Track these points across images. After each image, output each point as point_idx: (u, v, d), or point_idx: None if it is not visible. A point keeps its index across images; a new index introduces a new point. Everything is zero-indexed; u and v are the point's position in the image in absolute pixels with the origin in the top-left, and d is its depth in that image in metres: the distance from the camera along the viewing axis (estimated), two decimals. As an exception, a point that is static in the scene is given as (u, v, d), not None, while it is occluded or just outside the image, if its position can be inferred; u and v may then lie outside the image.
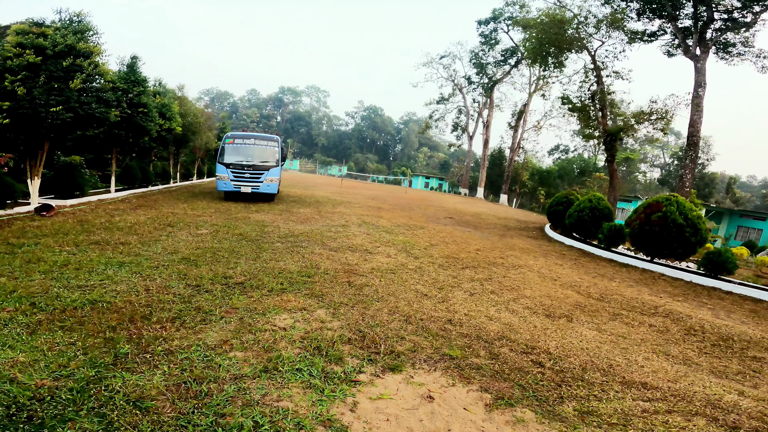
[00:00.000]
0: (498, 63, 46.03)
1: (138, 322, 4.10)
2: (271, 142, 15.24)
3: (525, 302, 6.18)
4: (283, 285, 5.62)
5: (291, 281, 5.83)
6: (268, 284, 5.59)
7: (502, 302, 6.03)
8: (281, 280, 5.84)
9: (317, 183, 34.32)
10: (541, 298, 6.49)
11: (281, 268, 6.46)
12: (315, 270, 6.52)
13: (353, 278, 6.30)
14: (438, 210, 20.04)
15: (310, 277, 6.12)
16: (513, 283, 7.15)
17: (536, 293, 6.73)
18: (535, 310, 5.88)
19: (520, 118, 44.99)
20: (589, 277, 8.42)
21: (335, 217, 12.58)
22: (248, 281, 5.65)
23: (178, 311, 4.43)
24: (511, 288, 6.83)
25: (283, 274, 6.15)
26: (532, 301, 6.31)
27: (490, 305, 5.82)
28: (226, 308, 4.64)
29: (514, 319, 5.39)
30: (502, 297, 6.28)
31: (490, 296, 6.24)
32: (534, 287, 7.06)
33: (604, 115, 22.30)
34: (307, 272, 6.34)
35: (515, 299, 6.26)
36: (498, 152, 52.97)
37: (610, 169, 22.21)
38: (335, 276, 6.32)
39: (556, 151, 75.07)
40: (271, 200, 15.43)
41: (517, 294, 6.54)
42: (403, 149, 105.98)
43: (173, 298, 4.80)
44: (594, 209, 12.12)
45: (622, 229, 11.16)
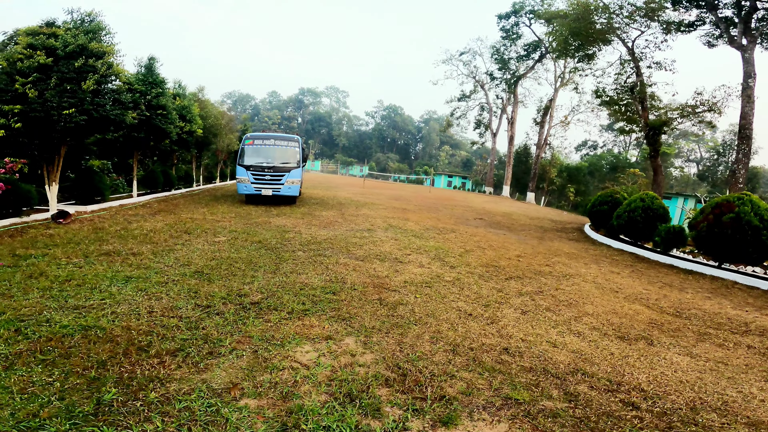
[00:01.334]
0: (521, 58, 44.45)
1: (133, 356, 3.42)
2: (291, 142, 14.64)
3: (589, 321, 5.23)
4: (305, 305, 4.87)
5: (314, 300, 5.07)
6: (287, 304, 4.85)
7: (562, 322, 5.10)
8: (303, 298, 5.09)
9: (339, 184, 33.76)
10: (607, 316, 5.52)
11: (303, 282, 5.72)
12: (341, 285, 5.75)
13: (384, 294, 5.50)
14: (466, 210, 19.03)
15: (335, 294, 5.35)
16: (569, 296, 6.18)
17: (599, 309, 5.76)
18: (604, 332, 4.93)
19: (546, 114, 43.26)
20: (655, 288, 7.34)
21: (359, 220, 11.82)
22: (265, 300, 4.93)
23: (181, 341, 3.73)
24: (569, 303, 5.87)
25: (305, 290, 5.40)
26: (597, 319, 5.35)
27: (549, 326, 4.90)
28: (238, 337, 3.92)
29: (584, 345, 4.46)
30: (561, 315, 5.34)
31: (546, 315, 5.31)
32: (595, 302, 6.08)
33: (645, 107, 20.74)
34: (332, 288, 5.57)
35: (577, 318, 5.32)
36: (523, 149, 51.21)
37: (653, 164, 20.66)
38: (364, 292, 5.53)
39: (583, 147, 72.45)
40: (292, 203, 14.83)
41: (578, 311, 5.58)
42: (425, 148, 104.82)
43: (178, 323, 4.11)
44: (647, 209, 10.90)
45: (682, 231, 9.95)
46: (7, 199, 8.85)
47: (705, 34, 20.83)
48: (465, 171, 72.37)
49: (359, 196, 20.37)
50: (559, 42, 24.65)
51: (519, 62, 44.93)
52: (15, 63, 8.96)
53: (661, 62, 21.51)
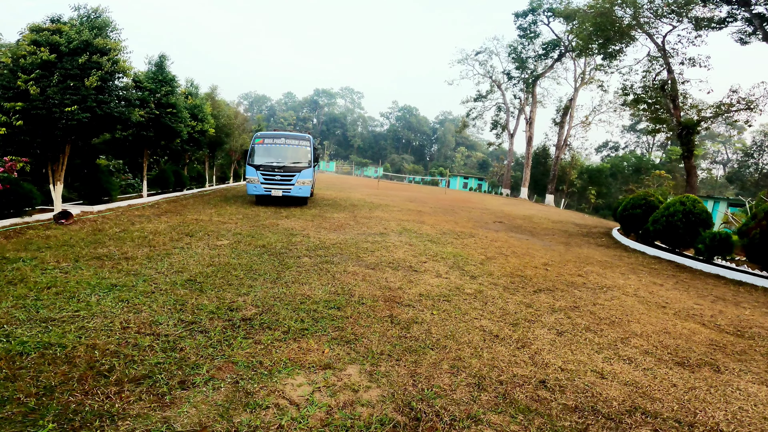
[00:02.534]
0: (539, 57, 43.27)
1: (88, 382, 2.85)
2: (302, 141, 14.11)
3: (639, 344, 4.46)
4: (303, 323, 4.24)
5: (315, 316, 4.44)
6: (284, 321, 4.23)
7: (607, 345, 4.34)
8: (302, 314, 4.46)
9: (353, 185, 33.24)
10: (658, 336, 4.73)
11: (305, 294, 5.09)
12: (347, 298, 5.10)
13: (396, 310, 4.82)
14: (483, 213, 18.20)
15: (340, 309, 4.70)
16: (610, 313, 5.39)
17: (648, 328, 4.96)
18: (659, 356, 4.17)
19: (566, 114, 41.97)
20: (706, 302, 6.46)
21: (372, 223, 11.17)
22: (259, 316, 4.32)
23: (151, 366, 3.14)
24: (611, 321, 5.09)
25: (306, 304, 4.77)
26: (647, 341, 4.56)
27: (592, 351, 4.15)
28: (220, 362, 3.31)
29: (638, 374, 3.71)
30: (605, 336, 4.58)
31: (586, 336, 4.55)
32: (641, 319, 5.27)
33: (677, 106, 19.53)
34: (337, 302, 4.93)
35: (624, 339, 4.54)
36: (542, 150, 49.83)
37: (687, 166, 19.42)
38: (373, 307, 4.86)
39: (604, 148, 70.36)
40: (303, 204, 14.30)
41: (623, 331, 4.80)
42: (440, 149, 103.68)
43: (153, 342, 3.53)
44: (689, 213, 9.91)
45: (728, 239, 8.96)
46: (8, 198, 8.53)
47: (737, 31, 19.64)
48: (481, 172, 71.14)
49: (373, 198, 19.75)
50: (582, 38, 23.55)
51: (537, 61, 43.78)
52: (18, 60, 8.68)
53: (695, 58, 20.24)
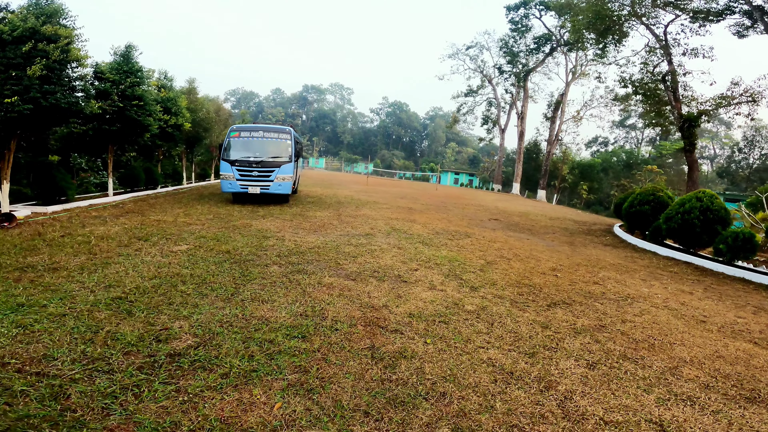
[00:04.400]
0: (531, 51, 42.70)
1: None
2: (282, 134, 12.98)
3: (693, 374, 3.50)
4: (253, 360, 3.19)
5: (270, 350, 3.38)
6: (226, 357, 3.18)
7: (655, 379, 3.37)
8: (254, 347, 3.40)
9: (342, 181, 32.05)
10: (712, 362, 3.78)
11: (263, 317, 4.02)
12: (317, 321, 4.04)
13: (379, 338, 3.78)
14: (478, 209, 17.23)
15: (305, 338, 3.64)
16: (645, 333, 4.40)
17: (696, 352, 4.00)
18: (723, 391, 3.25)
19: (558, 109, 41.40)
20: (748, 314, 5.53)
21: (358, 222, 10.09)
22: (194, 350, 3.26)
23: (11, 421, 2.05)
24: (650, 344, 4.10)
25: (262, 332, 3.70)
26: (701, 369, 3.62)
27: (638, 389, 3.18)
28: (116, 420, 2.27)
29: (707, 420, 2.74)
30: (649, 367, 3.59)
31: (625, 367, 3.56)
32: (684, 340, 4.30)
33: (677, 98, 18.75)
34: (304, 327, 3.87)
35: (673, 369, 3.58)
36: (533, 145, 49.34)
37: (689, 159, 18.67)
38: (349, 335, 3.82)
39: (594, 143, 70.19)
40: (284, 202, 13.17)
41: (668, 357, 3.83)
42: (430, 145, 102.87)
43: (33, 384, 2.44)
44: (706, 210, 8.99)
45: (752, 238, 8.08)
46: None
47: (735, 24, 18.91)
48: (472, 168, 70.54)
49: (361, 195, 18.66)
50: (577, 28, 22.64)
51: (529, 56, 43.21)
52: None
53: (698, 49, 19.45)
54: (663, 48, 19.41)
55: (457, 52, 47.93)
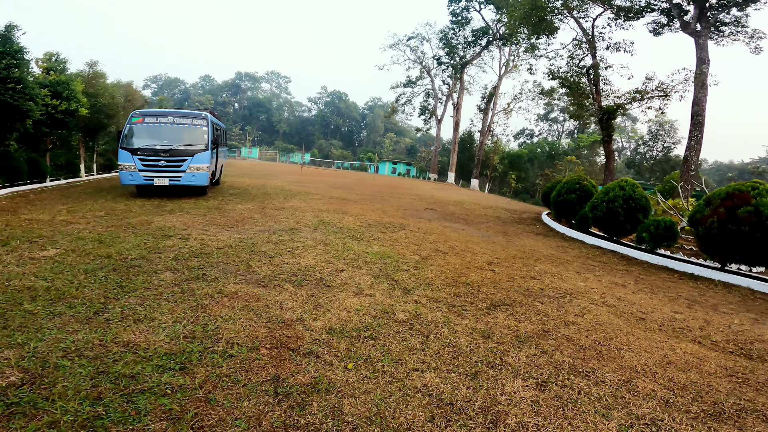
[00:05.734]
0: (468, 44, 43.61)
1: None
2: (197, 120, 11.49)
3: (649, 388, 3.14)
4: (100, 402, 2.27)
5: (130, 388, 2.48)
6: (60, 399, 2.24)
7: (611, 398, 2.96)
8: (105, 385, 2.44)
9: (275, 171, 30.23)
10: (664, 371, 3.47)
11: (130, 342, 3.06)
12: (207, 345, 3.15)
13: (288, 366, 3.00)
14: (414, 199, 16.85)
15: (185, 369, 2.79)
16: (590, 337, 4.03)
17: (646, 358, 3.68)
18: (685, 408, 2.94)
19: (490, 101, 42.81)
20: (682, 308, 5.48)
21: (284, 215, 9.07)
22: (16, 390, 2.31)
23: None
24: (598, 352, 3.72)
25: (125, 361, 2.76)
26: (655, 381, 3.28)
27: (597, 415, 2.73)
28: None
29: None
30: (602, 383, 3.17)
31: (578, 385, 3.10)
32: (630, 343, 3.99)
33: (598, 91, 19.75)
34: (185, 354, 2.98)
35: (627, 383, 3.19)
36: (468, 136, 50.85)
37: (606, 150, 19.78)
38: (247, 362, 2.99)
39: (521, 135, 74.15)
40: (201, 194, 11.70)
41: (619, 367, 3.45)
42: (369, 135, 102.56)
43: None
44: (629, 199, 9.21)
45: (673, 226, 8.35)
46: None
47: (652, 21, 20.23)
48: (409, 158, 71.25)
49: (294, 185, 17.43)
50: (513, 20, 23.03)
51: (466, 48, 44.09)
52: None
53: (620, 43, 20.60)
54: (589, 42, 20.34)
55: (398, 43, 47.78)
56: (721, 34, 18.42)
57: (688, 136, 17.26)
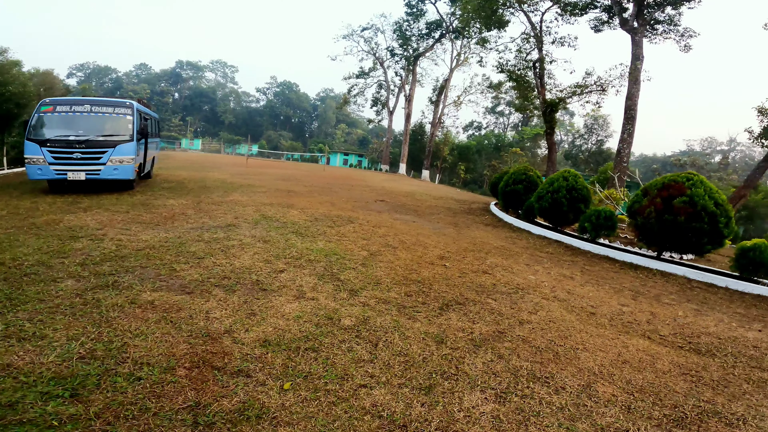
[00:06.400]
0: (422, 36, 43.78)
1: None
2: (120, 108, 10.33)
3: (609, 393, 3.02)
4: None
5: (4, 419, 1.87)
6: None
7: (573, 407, 2.80)
8: None
9: (219, 163, 28.48)
10: (620, 372, 3.38)
11: (9, 366, 2.53)
12: (109, 366, 2.63)
13: (210, 388, 2.55)
14: (365, 190, 16.47)
15: (78, 396, 2.29)
16: (545, 337, 3.87)
17: (601, 358, 3.59)
18: (647, 413, 2.82)
19: (441, 93, 43.37)
20: (628, 300, 5.56)
21: (221, 211, 8.31)
22: None
23: None
24: (554, 353, 3.56)
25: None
26: (613, 383, 3.18)
27: (560, 428, 2.54)
28: None
29: None
30: (562, 389, 2.99)
31: (538, 394, 2.90)
32: (585, 342, 3.89)
33: (543, 85, 20.36)
34: (80, 378, 2.48)
35: (587, 388, 3.04)
36: (419, 127, 51.30)
37: (549, 142, 20.50)
38: (159, 385, 2.55)
39: (470, 127, 76.15)
40: (127, 188, 10.53)
41: (577, 370, 3.31)
42: (320, 126, 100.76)
43: None
44: (572, 189, 9.44)
45: (612, 217, 8.64)
46: None
47: (594, 18, 21.09)
48: (361, 149, 70.80)
49: (237, 178, 16.37)
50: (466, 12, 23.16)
51: (420, 40, 44.24)
52: None
53: (565, 38, 21.31)
54: (536, 36, 20.89)
55: (352, 33, 46.91)
56: (655, 32, 19.59)
57: (622, 129, 18.24)
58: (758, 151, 50.68)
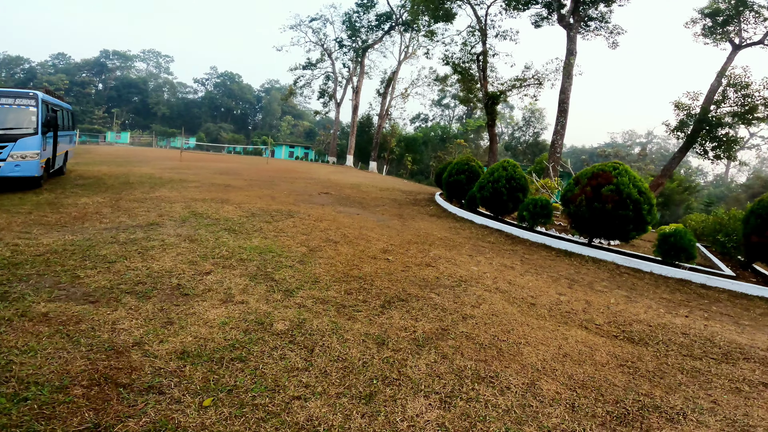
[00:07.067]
0: (371, 28, 43.41)
1: None
2: (21, 99, 9.12)
3: (552, 390, 2.99)
4: None
5: None
6: None
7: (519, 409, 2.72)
8: None
9: (149, 157, 26.31)
10: (562, 366, 3.36)
11: None
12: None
13: (113, 408, 2.26)
14: (309, 183, 15.96)
15: None
16: (488, 332, 3.82)
17: (543, 352, 3.58)
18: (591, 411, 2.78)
19: (389, 86, 43.49)
20: (564, 288, 5.71)
21: (144, 208, 7.52)
22: None
23: None
24: (498, 350, 3.50)
25: None
26: (556, 379, 3.14)
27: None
28: None
29: None
30: (507, 389, 2.91)
31: (483, 396, 2.81)
32: (527, 336, 3.88)
33: (485, 78, 20.87)
34: None
35: (531, 386, 2.99)
36: (366, 119, 51.15)
37: (490, 133, 21.12)
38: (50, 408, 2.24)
39: (417, 119, 77.25)
40: (34, 186, 9.30)
41: (520, 366, 3.27)
42: (265, 118, 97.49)
43: None
44: (511, 179, 9.69)
45: (548, 205, 8.96)
46: None
47: (535, 14, 21.87)
48: (308, 141, 69.40)
49: (168, 172, 15.14)
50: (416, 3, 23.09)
51: (369, 32, 43.84)
52: None
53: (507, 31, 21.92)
54: (481, 30, 21.33)
55: (300, 24, 45.46)
56: (588, 28, 20.72)
57: (555, 122, 19.19)
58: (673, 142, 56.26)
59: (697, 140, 18.95)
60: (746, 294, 6.90)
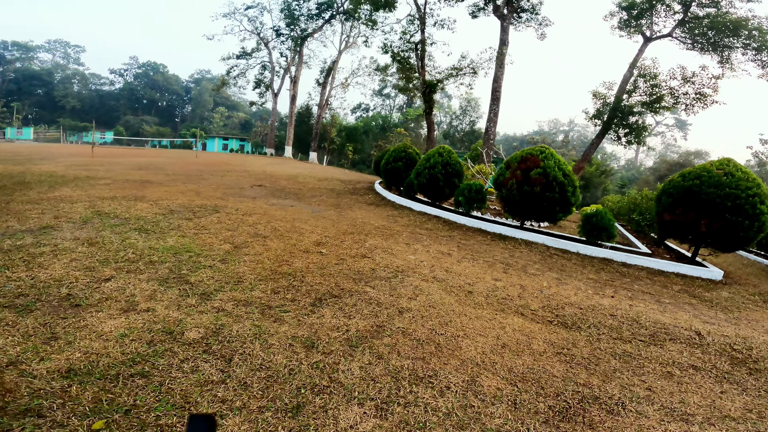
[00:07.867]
0: (312, 16, 41.87)
1: None
2: None
3: (494, 386, 2.89)
4: None
5: None
6: None
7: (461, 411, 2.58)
8: None
9: (54, 154, 23.37)
10: (501, 359, 3.29)
11: None
12: None
13: None
14: (241, 176, 15.06)
15: None
16: (426, 327, 3.67)
17: (481, 344, 3.50)
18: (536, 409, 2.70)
19: (329, 75, 42.71)
20: (500, 273, 5.77)
21: (37, 210, 6.51)
22: None
23: None
24: (436, 345, 3.37)
25: None
26: (496, 373, 3.06)
27: None
28: None
29: None
30: (447, 391, 2.75)
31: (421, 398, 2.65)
32: (465, 327, 3.80)
33: (423, 66, 21.05)
34: None
35: (472, 383, 2.88)
36: (306, 109, 49.98)
37: (428, 121, 21.39)
38: None
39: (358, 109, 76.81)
40: None
41: (460, 362, 3.15)
42: (194, 110, 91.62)
43: None
44: (446, 165, 9.77)
45: (482, 190, 9.15)
46: None
47: (473, 4, 22.29)
48: (244, 133, 66.29)
49: (75, 170, 13.47)
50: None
51: (309, 21, 42.26)
52: None
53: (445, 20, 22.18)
54: (420, 18, 21.39)
55: (234, 12, 42.90)
56: (520, 19, 21.54)
57: (489, 109, 19.86)
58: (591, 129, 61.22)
59: (612, 127, 20.59)
60: (663, 271, 7.39)
